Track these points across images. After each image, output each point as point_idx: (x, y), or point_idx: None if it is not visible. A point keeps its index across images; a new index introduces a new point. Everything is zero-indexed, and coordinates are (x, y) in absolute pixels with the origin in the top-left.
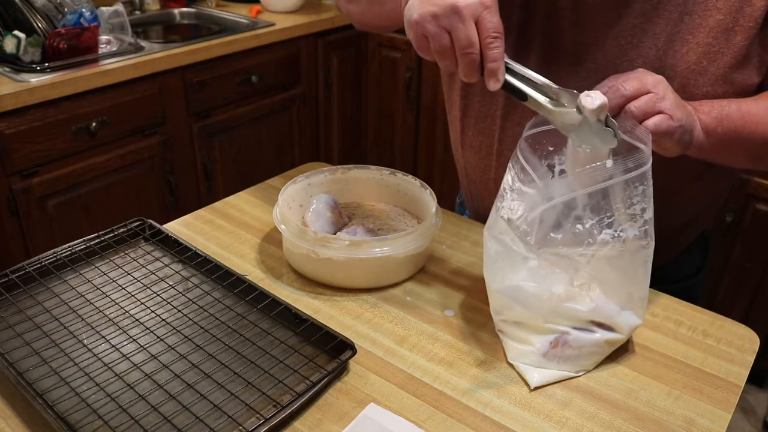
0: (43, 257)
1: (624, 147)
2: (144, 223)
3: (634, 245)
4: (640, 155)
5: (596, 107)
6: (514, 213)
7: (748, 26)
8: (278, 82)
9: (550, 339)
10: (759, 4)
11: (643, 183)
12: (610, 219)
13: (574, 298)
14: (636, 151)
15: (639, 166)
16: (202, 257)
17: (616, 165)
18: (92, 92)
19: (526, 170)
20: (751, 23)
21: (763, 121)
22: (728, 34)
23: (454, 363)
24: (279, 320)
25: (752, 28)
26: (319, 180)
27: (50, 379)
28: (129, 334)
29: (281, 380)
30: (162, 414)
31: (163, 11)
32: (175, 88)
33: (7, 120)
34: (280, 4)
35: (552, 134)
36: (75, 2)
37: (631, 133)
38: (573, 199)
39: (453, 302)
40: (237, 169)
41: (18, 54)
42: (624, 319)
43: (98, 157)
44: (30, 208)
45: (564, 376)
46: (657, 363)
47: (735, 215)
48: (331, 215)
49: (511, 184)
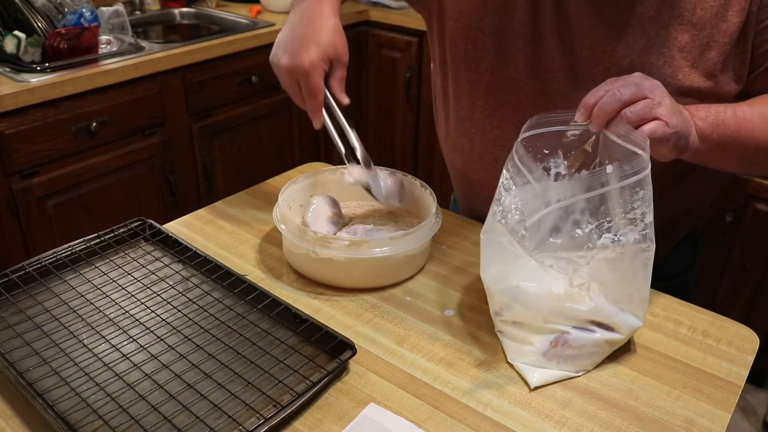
0: (43, 257)
1: (621, 153)
2: (144, 223)
3: (634, 248)
4: (638, 161)
5: (352, 182)
6: (512, 217)
7: (722, 42)
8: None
9: (549, 339)
10: (734, 20)
11: (643, 188)
12: (610, 224)
13: (574, 298)
14: (634, 157)
15: (637, 172)
16: (202, 257)
17: (615, 171)
18: (92, 92)
19: (522, 173)
20: (726, 39)
21: (757, 128)
22: (703, 49)
23: (454, 363)
24: (279, 320)
25: (727, 44)
26: (319, 180)
27: (50, 379)
28: (129, 334)
29: (281, 380)
30: (162, 414)
31: (163, 11)
32: (175, 88)
33: (7, 120)
34: (280, 4)
35: (547, 137)
36: (75, 2)
37: (627, 138)
38: (571, 204)
39: (453, 302)
40: (237, 169)
41: (18, 54)
42: (624, 319)
43: (98, 157)
44: (30, 208)
45: (564, 376)
46: (657, 363)
47: (735, 215)
48: (331, 215)
49: (507, 188)
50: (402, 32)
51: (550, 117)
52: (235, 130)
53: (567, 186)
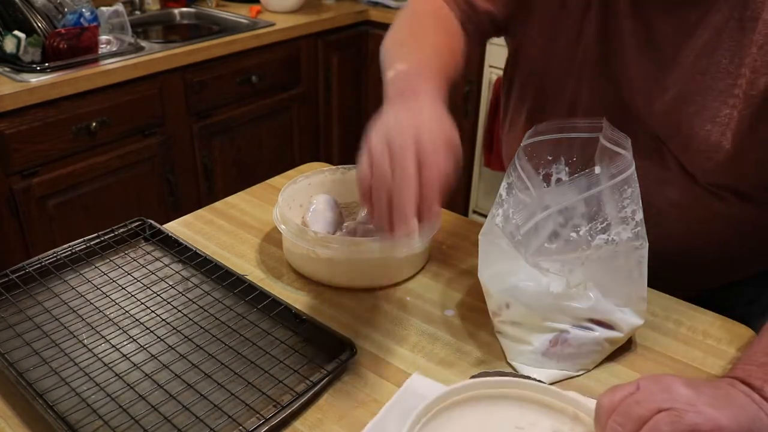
0: (43, 257)
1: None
2: (144, 223)
3: (627, 247)
4: (621, 161)
5: None
6: (510, 221)
7: (750, 94)
8: (278, 82)
9: (549, 338)
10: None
11: (630, 185)
12: (603, 224)
13: (573, 296)
14: (618, 158)
15: (623, 171)
16: (202, 257)
17: (603, 171)
18: (92, 92)
19: (522, 179)
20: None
21: None
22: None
23: (454, 363)
24: (279, 320)
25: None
26: (319, 180)
27: (50, 379)
28: (129, 334)
29: (281, 380)
30: (162, 414)
31: (163, 11)
32: (175, 88)
33: (7, 120)
34: (280, 4)
35: (550, 144)
36: (75, 2)
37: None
38: (566, 207)
39: (453, 302)
40: (237, 169)
41: (18, 54)
42: (624, 317)
43: (98, 157)
44: (30, 208)
45: (564, 376)
46: (657, 363)
47: None
48: (331, 215)
49: (507, 192)
50: None
51: (554, 124)
52: (235, 130)
53: (559, 191)
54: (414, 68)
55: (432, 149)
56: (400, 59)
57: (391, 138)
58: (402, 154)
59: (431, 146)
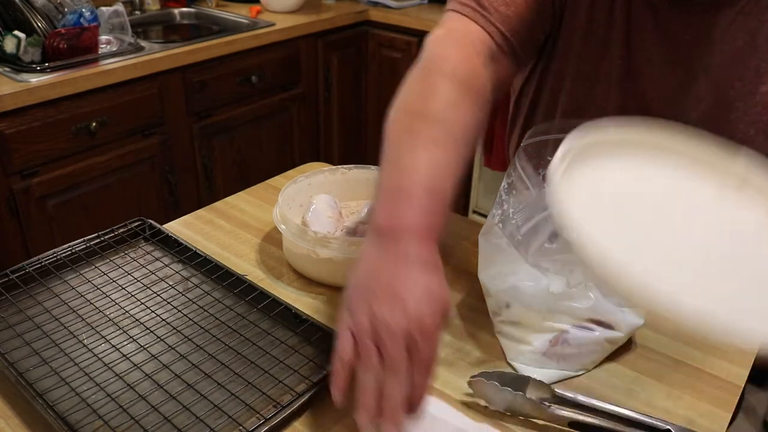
0: (43, 257)
1: None
2: (144, 223)
3: None
4: None
5: None
6: (509, 221)
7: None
8: (278, 82)
9: (549, 338)
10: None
11: None
12: None
13: (573, 296)
14: None
15: None
16: (202, 257)
17: None
18: (92, 92)
19: (522, 179)
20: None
21: None
22: None
23: (454, 363)
24: (279, 320)
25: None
26: (319, 180)
27: (50, 379)
28: (129, 334)
29: (281, 380)
30: (162, 414)
31: (163, 11)
32: (175, 88)
33: (7, 120)
34: (280, 4)
35: (552, 144)
36: (75, 2)
37: None
38: None
39: (453, 302)
40: (237, 169)
41: (18, 54)
42: (624, 317)
43: (98, 157)
44: (30, 208)
45: (564, 376)
46: (657, 363)
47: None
48: (331, 215)
49: (507, 192)
50: (402, 32)
51: (554, 124)
52: (235, 130)
53: None
54: (404, 195)
55: (422, 334)
56: (390, 172)
57: (376, 313)
58: (392, 343)
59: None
